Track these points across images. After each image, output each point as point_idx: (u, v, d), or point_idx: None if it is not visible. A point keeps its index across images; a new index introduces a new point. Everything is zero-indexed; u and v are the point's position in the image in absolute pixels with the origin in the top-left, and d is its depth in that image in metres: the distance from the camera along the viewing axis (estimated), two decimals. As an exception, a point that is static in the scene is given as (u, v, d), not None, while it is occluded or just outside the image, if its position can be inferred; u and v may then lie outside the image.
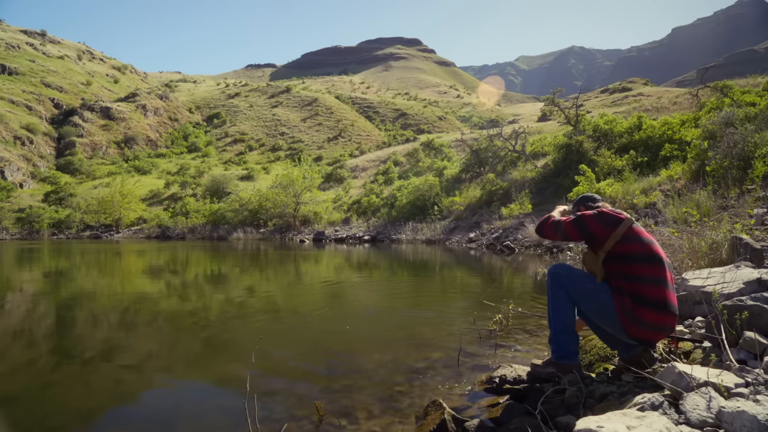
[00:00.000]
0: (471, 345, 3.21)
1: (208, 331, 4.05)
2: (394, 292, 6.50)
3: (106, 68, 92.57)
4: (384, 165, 35.97)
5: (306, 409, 2.22)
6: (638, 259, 2.07)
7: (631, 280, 2.07)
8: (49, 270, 10.09)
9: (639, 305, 2.04)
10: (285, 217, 25.88)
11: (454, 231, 17.01)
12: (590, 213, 2.21)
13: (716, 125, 10.73)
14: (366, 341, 3.59)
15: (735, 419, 1.36)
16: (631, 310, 2.05)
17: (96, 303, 5.69)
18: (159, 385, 2.78)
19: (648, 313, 2.03)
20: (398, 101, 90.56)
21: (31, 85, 60.99)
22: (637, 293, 2.05)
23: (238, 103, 79.77)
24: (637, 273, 2.06)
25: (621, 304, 2.09)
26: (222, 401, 2.43)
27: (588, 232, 2.19)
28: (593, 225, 2.17)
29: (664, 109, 22.64)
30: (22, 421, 2.22)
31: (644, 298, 2.04)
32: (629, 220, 2.14)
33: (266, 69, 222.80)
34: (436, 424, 1.88)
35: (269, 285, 7.37)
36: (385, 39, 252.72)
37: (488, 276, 8.04)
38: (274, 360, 3.03)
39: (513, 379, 2.36)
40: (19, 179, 42.37)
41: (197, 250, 15.92)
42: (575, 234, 2.22)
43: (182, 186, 40.30)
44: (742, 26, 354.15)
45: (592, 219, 2.18)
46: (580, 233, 2.21)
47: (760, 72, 24.42)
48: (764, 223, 5.57)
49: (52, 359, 3.29)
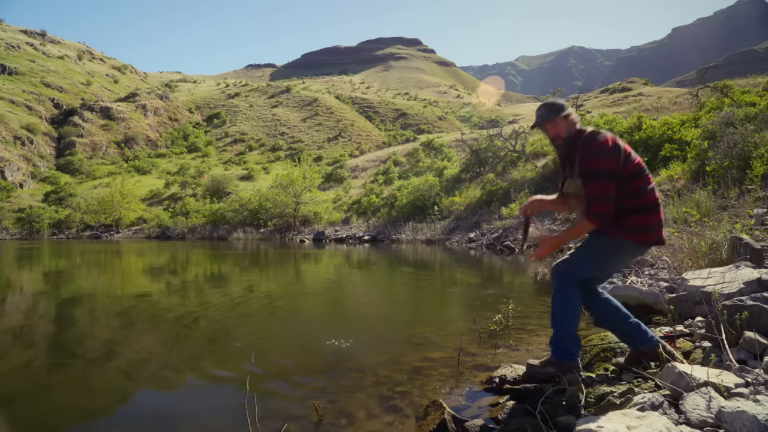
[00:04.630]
0: (471, 345, 3.21)
1: (208, 331, 4.04)
2: (394, 292, 6.50)
3: (106, 68, 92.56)
4: (384, 165, 35.97)
5: (306, 409, 2.22)
6: (637, 174, 2.18)
7: (637, 195, 2.18)
8: (49, 270, 10.09)
9: (645, 213, 2.19)
10: (285, 217, 25.88)
11: (454, 231, 17.01)
12: (602, 161, 2.12)
13: (716, 125, 10.72)
14: (366, 341, 3.59)
15: (735, 419, 1.36)
16: (638, 223, 2.18)
17: (96, 303, 5.69)
18: (159, 384, 2.78)
19: (653, 216, 2.19)
20: (398, 101, 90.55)
21: (31, 85, 60.97)
22: (643, 204, 2.19)
23: (238, 103, 79.76)
24: (639, 186, 2.18)
25: (625, 228, 2.18)
26: (222, 401, 2.43)
27: (615, 176, 2.14)
28: (614, 164, 2.12)
29: (664, 109, 22.63)
30: (22, 421, 2.21)
31: (648, 205, 2.19)
32: (616, 138, 2.18)
33: (266, 69, 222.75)
34: (436, 424, 1.88)
35: (269, 285, 7.37)
36: (385, 39, 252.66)
37: (488, 276, 8.04)
38: (274, 360, 3.03)
39: (513, 379, 2.36)
40: (19, 179, 42.36)
41: (197, 250, 15.92)
42: (612, 189, 2.15)
43: (182, 186, 40.28)
44: (742, 26, 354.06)
45: (607, 163, 2.12)
46: (611, 184, 2.14)
47: (760, 72, 24.41)
48: (764, 223, 5.57)
49: (52, 359, 3.29)
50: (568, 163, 2.30)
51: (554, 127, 2.29)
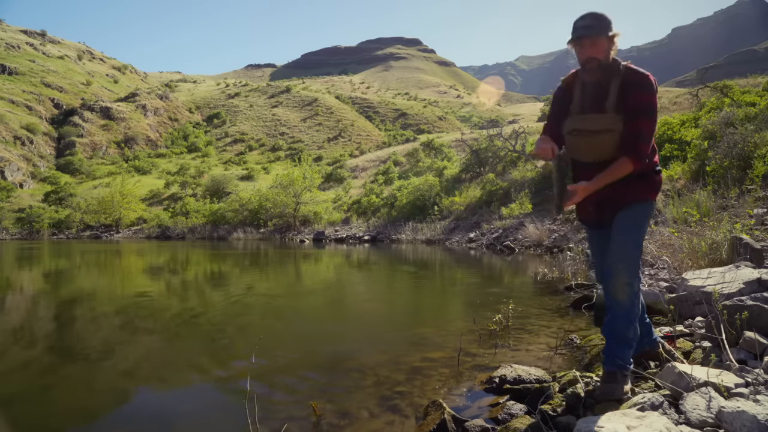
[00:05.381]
0: (471, 345, 3.21)
1: (208, 331, 4.04)
2: (394, 292, 6.50)
3: (106, 68, 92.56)
4: (384, 165, 35.97)
5: (306, 409, 2.21)
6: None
7: (656, 150, 2.02)
8: (49, 270, 10.09)
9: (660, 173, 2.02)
10: (285, 217, 25.88)
11: (454, 231, 17.01)
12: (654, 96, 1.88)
13: (716, 125, 10.72)
14: (366, 341, 3.59)
15: (735, 419, 1.36)
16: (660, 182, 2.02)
17: (96, 303, 5.69)
18: (159, 384, 2.78)
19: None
20: (398, 101, 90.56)
21: (31, 85, 60.97)
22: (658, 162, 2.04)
23: (238, 103, 79.74)
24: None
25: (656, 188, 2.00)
26: (222, 401, 2.43)
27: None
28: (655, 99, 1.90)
29: (664, 109, 22.62)
30: (22, 421, 2.21)
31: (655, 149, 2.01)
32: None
33: (266, 69, 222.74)
34: (436, 424, 1.88)
35: (269, 285, 7.37)
36: (385, 39, 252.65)
37: (488, 276, 8.03)
38: (274, 360, 3.03)
39: (513, 379, 2.36)
40: (19, 179, 42.35)
41: (197, 250, 15.92)
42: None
43: (182, 186, 40.28)
44: (742, 26, 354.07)
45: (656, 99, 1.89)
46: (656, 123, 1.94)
47: (760, 72, 24.37)
48: (764, 223, 5.57)
49: (52, 359, 3.29)
50: (594, 94, 1.96)
51: (593, 46, 1.87)
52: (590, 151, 1.98)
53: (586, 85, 1.98)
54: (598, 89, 1.94)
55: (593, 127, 1.93)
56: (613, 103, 1.89)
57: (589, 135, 1.95)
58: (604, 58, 1.89)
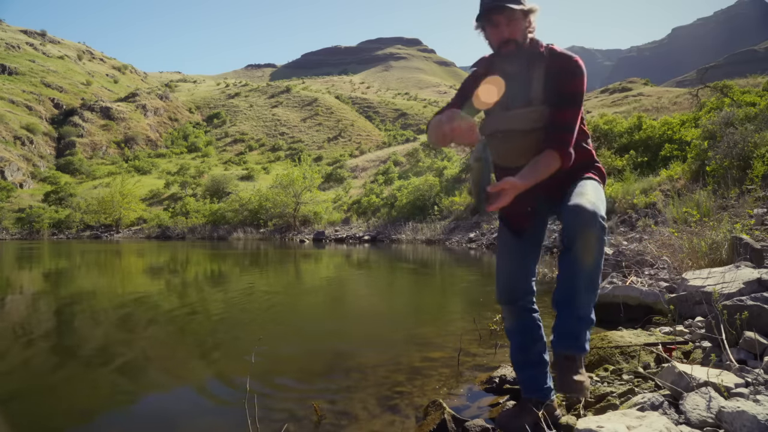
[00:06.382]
0: (471, 345, 3.21)
1: (207, 331, 4.04)
2: (394, 292, 6.50)
3: (106, 68, 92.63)
4: (384, 165, 35.99)
5: (306, 409, 2.21)
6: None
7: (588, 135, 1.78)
8: (49, 270, 10.09)
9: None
10: (285, 217, 25.89)
11: (454, 231, 17.02)
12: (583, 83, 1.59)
13: (716, 125, 10.73)
14: (366, 341, 3.59)
15: (735, 419, 1.36)
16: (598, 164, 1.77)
17: (96, 303, 5.69)
18: (159, 384, 2.78)
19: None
20: (398, 101, 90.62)
21: (31, 85, 61.02)
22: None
23: (238, 103, 79.80)
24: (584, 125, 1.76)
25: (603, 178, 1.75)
26: (222, 401, 2.43)
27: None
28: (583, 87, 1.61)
29: (664, 109, 22.64)
30: (22, 421, 2.21)
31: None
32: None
33: (266, 69, 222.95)
34: (436, 424, 1.87)
35: (269, 285, 7.37)
36: (385, 39, 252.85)
37: (488, 275, 8.03)
38: (274, 360, 3.03)
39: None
40: (19, 179, 42.39)
41: (197, 250, 15.92)
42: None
43: (182, 186, 40.32)
44: (742, 26, 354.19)
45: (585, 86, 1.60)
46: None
47: (760, 72, 24.41)
48: (764, 223, 5.57)
49: (52, 359, 3.29)
50: (518, 83, 1.64)
51: (509, 26, 1.55)
52: (520, 155, 1.64)
53: (506, 75, 1.64)
54: (522, 78, 1.63)
55: (522, 126, 1.63)
56: (540, 94, 1.59)
57: (517, 136, 1.65)
58: (522, 40, 1.58)
